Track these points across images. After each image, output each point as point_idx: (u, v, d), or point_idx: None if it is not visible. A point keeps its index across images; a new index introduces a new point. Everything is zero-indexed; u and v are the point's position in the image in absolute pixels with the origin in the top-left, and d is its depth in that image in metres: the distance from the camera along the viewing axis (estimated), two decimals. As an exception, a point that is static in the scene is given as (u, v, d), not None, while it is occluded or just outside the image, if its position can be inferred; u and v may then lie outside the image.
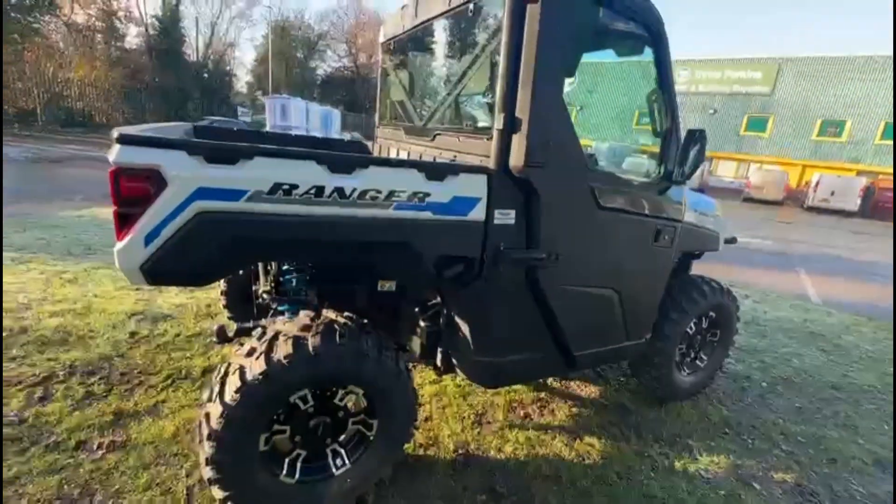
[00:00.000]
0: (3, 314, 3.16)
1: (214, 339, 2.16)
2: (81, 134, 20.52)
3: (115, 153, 1.23)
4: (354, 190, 1.50)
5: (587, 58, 2.41)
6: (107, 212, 6.96)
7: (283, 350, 1.56)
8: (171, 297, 3.79)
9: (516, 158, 1.73)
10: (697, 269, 3.20)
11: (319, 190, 1.45)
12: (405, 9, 2.54)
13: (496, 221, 1.79)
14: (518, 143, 1.72)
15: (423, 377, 2.90)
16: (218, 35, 36.90)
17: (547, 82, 1.69)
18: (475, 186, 1.73)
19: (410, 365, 2.82)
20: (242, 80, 44.56)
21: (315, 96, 38.58)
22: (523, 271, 1.94)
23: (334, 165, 1.47)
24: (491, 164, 1.78)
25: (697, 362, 3.03)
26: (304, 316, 1.77)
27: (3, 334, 2.91)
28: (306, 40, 43.32)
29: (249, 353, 1.60)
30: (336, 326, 1.69)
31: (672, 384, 2.83)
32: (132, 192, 1.26)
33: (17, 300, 3.41)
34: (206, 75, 34.37)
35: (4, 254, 4.43)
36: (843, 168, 25.83)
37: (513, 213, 1.83)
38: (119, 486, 1.88)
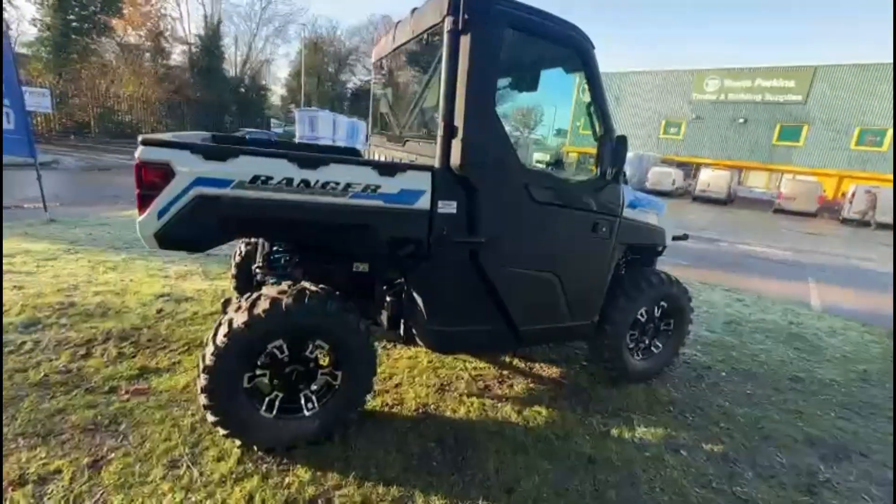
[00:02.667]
0: (57, 291, 3.78)
1: (221, 310, 2.63)
2: (129, 144, 22.21)
3: (139, 151, 1.71)
4: (317, 182, 1.94)
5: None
6: (146, 213, 7.77)
7: (262, 306, 2.01)
8: (195, 284, 4.36)
9: (455, 159, 2.13)
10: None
11: (289, 181, 1.89)
12: (388, 34, 3.01)
13: (440, 210, 2.19)
14: (456, 146, 2.12)
15: (400, 353, 3.30)
16: (255, 52, 39.09)
17: (478, 96, 2.09)
18: (420, 181, 2.14)
19: (392, 344, 3.24)
20: (277, 93, 46.80)
21: (345, 109, 40.10)
22: (468, 253, 2.33)
23: (302, 163, 1.92)
24: (436, 163, 2.19)
25: (652, 349, 3.30)
26: (284, 284, 2.22)
27: (57, 307, 3.51)
28: (337, 55, 45.19)
29: (237, 309, 2.05)
30: (307, 291, 2.13)
31: (623, 367, 3.12)
32: (150, 180, 1.74)
33: (69, 282, 4.04)
34: (242, 90, 36.38)
35: (60, 245, 5.15)
36: (882, 179, 24.72)
37: (454, 203, 2.22)
38: (139, 419, 2.36)
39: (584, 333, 2.89)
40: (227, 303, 2.56)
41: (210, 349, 1.97)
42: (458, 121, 2.10)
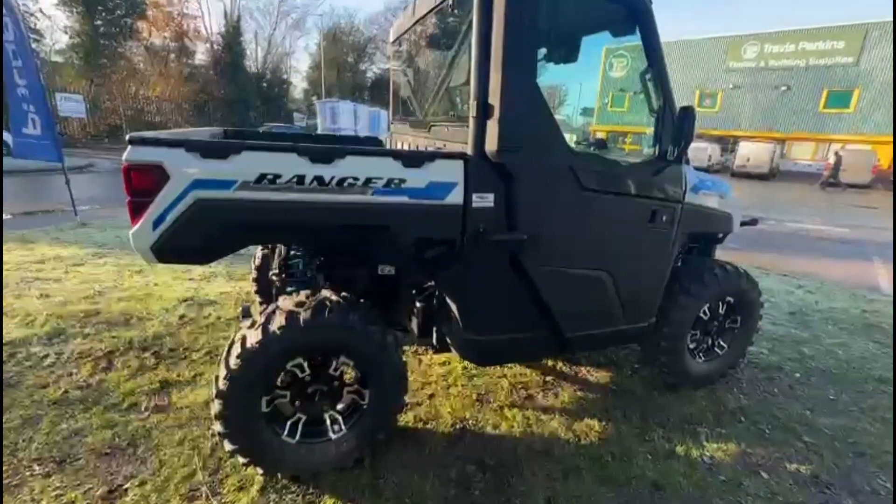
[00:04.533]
0: (83, 299, 3.71)
1: (240, 318, 2.44)
2: (159, 145, 22.71)
3: (126, 153, 1.48)
4: (333, 178, 1.66)
5: (635, 41, 2.31)
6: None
7: (277, 322, 1.77)
8: (218, 287, 4.23)
9: (491, 144, 1.81)
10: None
11: (300, 178, 1.63)
12: (406, 9, 2.69)
13: (475, 204, 1.89)
14: (492, 129, 1.80)
15: (432, 359, 3.05)
16: (274, 46, 39.25)
17: (516, 69, 1.76)
18: (451, 172, 1.84)
19: (421, 348, 2.99)
20: (298, 86, 47.01)
21: (366, 98, 39.89)
22: (507, 252, 2.02)
23: (314, 157, 1.65)
24: (469, 149, 1.88)
25: (716, 349, 2.92)
26: (302, 294, 1.98)
27: (82, 315, 3.42)
28: (356, 45, 44.84)
29: (252, 325, 1.83)
30: (327, 303, 1.88)
31: (683, 371, 2.77)
32: (141, 185, 1.51)
33: (94, 288, 3.98)
34: (265, 84, 36.67)
35: (88, 250, 5.14)
36: (948, 143, 22.58)
37: (491, 196, 1.91)
38: (157, 441, 2.19)
39: (640, 337, 2.55)
40: (247, 311, 2.37)
41: (223, 371, 1.75)
42: (494, 98, 1.78)
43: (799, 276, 5.72)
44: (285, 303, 1.90)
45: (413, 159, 1.78)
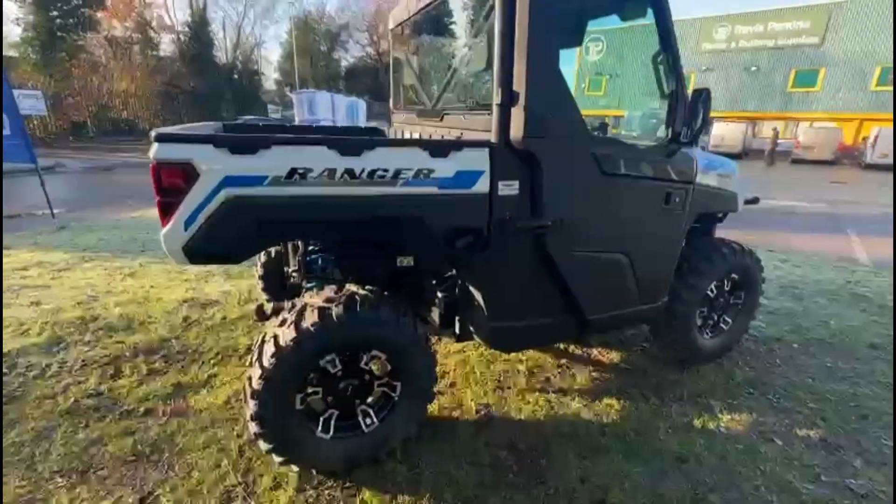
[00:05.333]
0: (77, 305, 3.57)
1: (254, 317, 2.40)
2: (129, 142, 21.87)
3: (154, 150, 1.42)
4: (363, 170, 1.64)
5: (611, 24, 2.40)
6: (155, 213, 7.53)
7: (310, 319, 1.75)
8: (217, 286, 4.13)
9: (516, 131, 1.81)
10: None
11: (331, 172, 1.59)
12: None
13: (500, 192, 1.89)
14: (517, 116, 1.80)
15: (448, 348, 3.06)
16: (244, 35, 37.93)
17: (542, 54, 1.75)
18: (478, 160, 1.83)
19: (434, 337, 3.00)
20: (270, 77, 45.68)
21: (341, 88, 39.08)
22: (531, 239, 2.03)
23: (344, 149, 1.61)
24: (493, 137, 1.87)
25: (721, 325, 3.02)
26: (329, 290, 1.95)
27: (78, 322, 3.30)
28: (329, 33, 43.73)
29: (282, 323, 1.80)
30: (357, 297, 1.86)
31: (693, 347, 2.85)
32: (171, 184, 1.45)
33: (87, 293, 3.83)
34: (235, 76, 35.49)
35: (72, 254, 4.94)
36: (906, 119, 23.58)
37: (516, 183, 1.91)
38: (182, 446, 2.15)
39: (653, 317, 2.61)
40: (261, 310, 2.33)
41: (257, 372, 1.72)
42: (519, 85, 1.77)
43: (783, 250, 5.93)
44: (314, 299, 1.87)
45: (439, 149, 1.77)
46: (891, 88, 25.08)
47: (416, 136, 2.74)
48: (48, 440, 2.16)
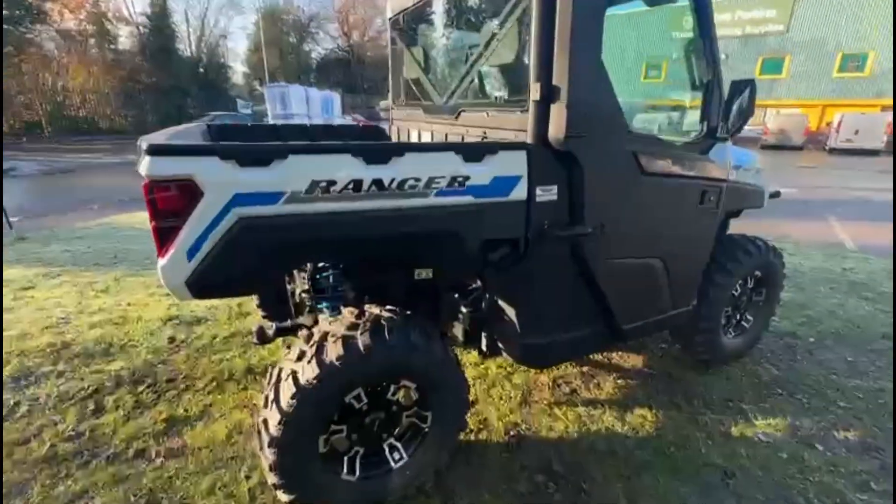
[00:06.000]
0: (45, 329, 3.22)
1: (254, 340, 2.15)
2: (88, 141, 20.64)
3: (146, 165, 1.17)
4: (393, 180, 1.42)
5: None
6: (125, 219, 7.03)
7: (333, 351, 1.52)
8: (202, 301, 3.81)
9: (556, 130, 1.62)
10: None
11: (357, 184, 1.37)
12: None
13: (538, 199, 1.70)
14: (557, 114, 1.61)
15: (463, 360, 2.87)
16: (208, 27, 36.32)
17: (586, 43, 1.56)
18: (515, 164, 1.64)
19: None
20: (238, 71, 44.04)
21: (312, 81, 37.98)
22: (568, 248, 1.86)
23: (369, 156, 1.39)
24: (528, 138, 1.68)
25: (743, 323, 2.94)
26: (349, 314, 1.73)
27: (49, 350, 2.96)
28: (297, 24, 42.38)
29: (300, 357, 1.57)
30: (383, 322, 1.65)
31: (719, 349, 2.76)
32: (169, 205, 1.20)
33: (56, 315, 3.46)
34: (201, 70, 34.02)
35: (35, 269, 4.50)
36: (867, 105, 24.60)
37: (555, 188, 1.73)
38: (183, 493, 1.90)
39: (683, 321, 2.49)
40: (262, 332, 2.09)
41: (275, 417, 1.49)
42: (560, 79, 1.57)
43: (770, 238, 5.97)
44: (334, 326, 1.65)
45: (474, 152, 1.56)
46: (851, 75, 26.08)
47: (425, 136, 2.52)
48: (22, 498, 1.87)
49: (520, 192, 1.66)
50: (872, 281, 4.43)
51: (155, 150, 1.17)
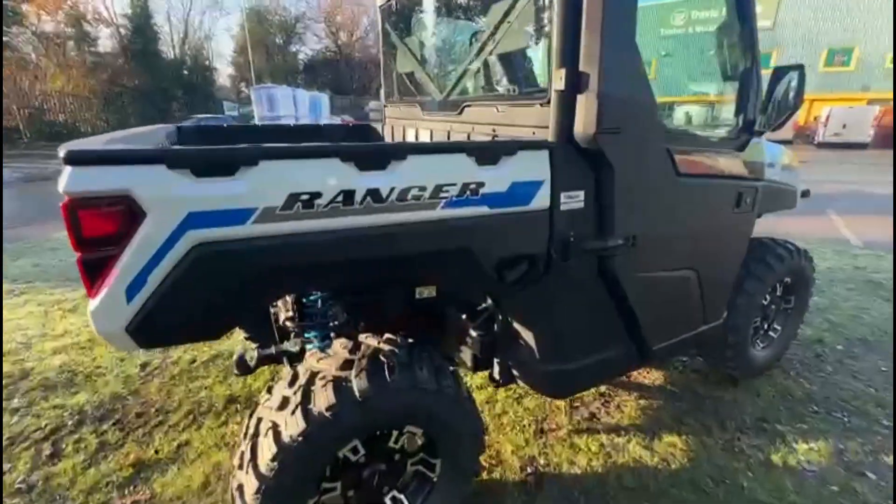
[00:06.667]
0: (1, 358, 2.89)
1: (234, 371, 1.88)
2: (68, 147, 19.95)
3: (65, 179, 0.88)
4: (392, 190, 1.14)
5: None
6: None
7: (323, 399, 1.25)
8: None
9: (584, 125, 1.36)
10: None
11: (348, 195, 1.09)
12: None
13: (563, 207, 1.44)
14: (586, 105, 1.35)
15: (469, 383, 2.61)
16: (192, 28, 35.59)
17: (620, 21, 1.31)
18: (536, 167, 1.37)
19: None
20: (224, 73, 43.26)
21: (300, 82, 37.43)
22: (595, 263, 1.60)
23: (363, 160, 1.11)
24: (550, 135, 1.42)
25: (770, 333, 2.71)
26: (341, 347, 1.46)
27: (6, 381, 2.64)
28: (284, 24, 41.75)
29: (283, 406, 1.29)
30: (383, 357, 1.38)
31: (747, 362, 2.53)
32: (98, 230, 0.92)
33: (16, 340, 3.13)
34: (185, 72, 33.29)
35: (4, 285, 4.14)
36: (853, 98, 24.78)
37: (581, 194, 1.47)
38: (150, 559, 1.61)
39: (714, 337, 2.24)
40: (243, 362, 1.82)
41: (251, 483, 1.21)
42: (590, 65, 1.31)
43: (781, 235, 5.80)
44: (323, 364, 1.38)
45: (489, 153, 1.29)
46: (837, 69, 26.28)
47: (423, 136, 2.25)
48: (-44, 572, 1.57)
49: (542, 200, 1.40)
50: (889, 280, 4.25)
51: (77, 159, 0.88)
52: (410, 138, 2.36)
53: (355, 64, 41.51)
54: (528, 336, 1.71)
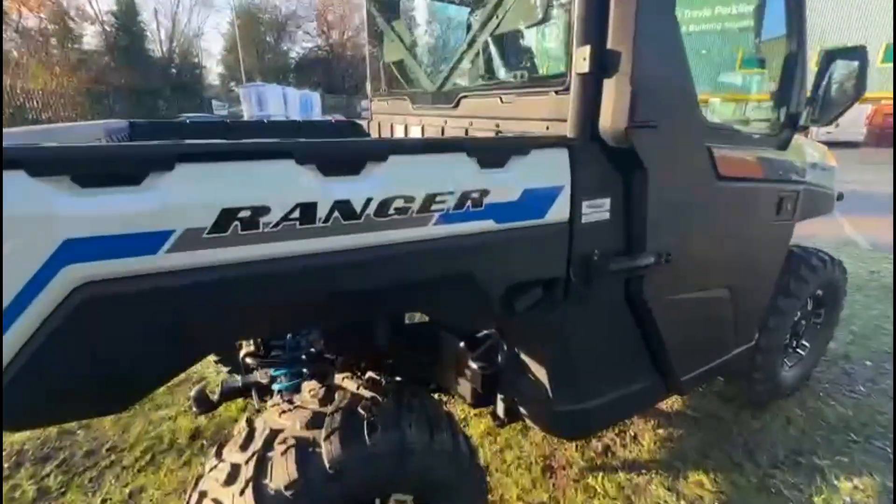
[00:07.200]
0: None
1: (193, 408, 1.60)
2: (51, 147, 19.41)
3: None
4: (369, 201, 0.86)
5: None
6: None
7: (282, 472, 0.96)
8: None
9: (614, 116, 1.08)
10: None
11: (308, 210, 0.81)
12: None
13: (585, 219, 1.17)
14: (616, 92, 1.07)
15: (468, 413, 2.33)
16: (179, 25, 34.98)
17: None
18: (553, 169, 1.10)
19: (449, 397, 2.26)
20: (213, 71, 42.63)
21: (291, 81, 36.93)
22: (621, 285, 1.33)
23: (328, 163, 0.83)
24: (569, 130, 1.14)
25: (799, 351, 2.46)
26: (310, 395, 1.17)
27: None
28: (275, 22, 41.20)
29: (230, 479, 1.00)
30: (362, 411, 1.09)
31: (776, 384, 2.27)
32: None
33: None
34: (173, 70, 32.74)
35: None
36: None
37: (607, 202, 1.20)
38: None
39: (743, 361, 1.98)
40: (203, 396, 1.54)
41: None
42: (619, 40, 1.04)
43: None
44: (286, 419, 1.09)
45: (494, 153, 1.01)
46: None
47: (413, 132, 1.96)
48: None
49: (560, 211, 1.12)
50: (907, 286, 4.03)
51: None
52: (399, 136, 2.07)
53: (347, 63, 41.09)
54: (538, 371, 1.43)
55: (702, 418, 2.31)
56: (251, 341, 1.51)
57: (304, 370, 1.40)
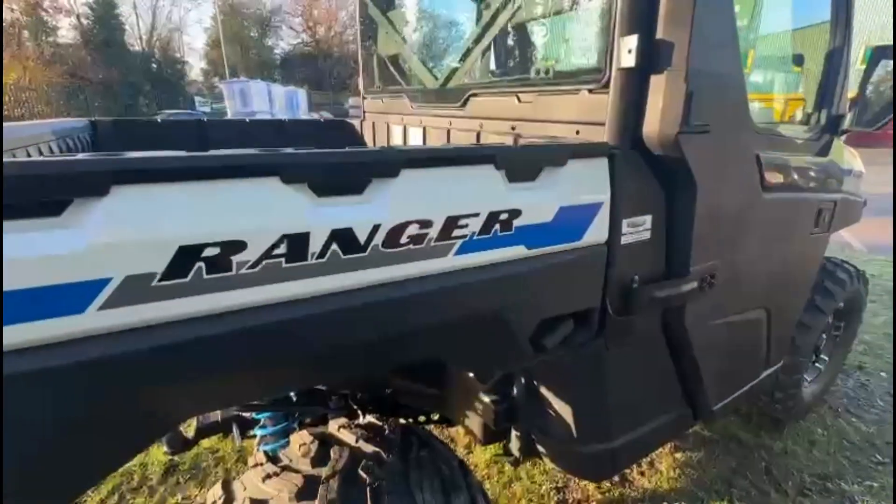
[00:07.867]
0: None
1: (165, 449, 1.41)
2: (24, 144, 18.65)
3: None
4: (376, 229, 0.67)
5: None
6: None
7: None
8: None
9: (664, 119, 0.91)
10: None
11: (298, 243, 0.61)
12: None
13: (624, 240, 0.99)
14: (666, 92, 0.90)
15: (467, 437, 2.15)
16: (160, 19, 34.03)
17: None
18: (591, 182, 0.92)
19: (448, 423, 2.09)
20: (196, 67, 41.62)
21: (277, 77, 36.25)
22: (659, 313, 1.16)
23: (323, 181, 0.63)
24: (607, 135, 0.97)
25: (818, 365, 2.34)
26: (301, 451, 0.98)
27: None
28: (259, 17, 40.38)
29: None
30: (362, 474, 0.90)
31: (798, 402, 2.14)
32: None
33: None
34: (154, 65, 31.80)
35: None
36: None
37: (648, 220, 1.03)
38: None
39: (770, 384, 1.84)
40: (177, 437, 1.35)
41: None
42: (673, 30, 0.87)
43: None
44: (273, 488, 0.89)
45: (524, 164, 0.83)
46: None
47: (413, 136, 1.76)
48: None
49: (598, 232, 0.94)
50: (911, 291, 3.98)
51: None
52: (397, 139, 1.88)
53: (334, 59, 40.49)
54: (561, 407, 1.26)
55: (720, 440, 2.17)
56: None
57: (290, 423, 1.20)
